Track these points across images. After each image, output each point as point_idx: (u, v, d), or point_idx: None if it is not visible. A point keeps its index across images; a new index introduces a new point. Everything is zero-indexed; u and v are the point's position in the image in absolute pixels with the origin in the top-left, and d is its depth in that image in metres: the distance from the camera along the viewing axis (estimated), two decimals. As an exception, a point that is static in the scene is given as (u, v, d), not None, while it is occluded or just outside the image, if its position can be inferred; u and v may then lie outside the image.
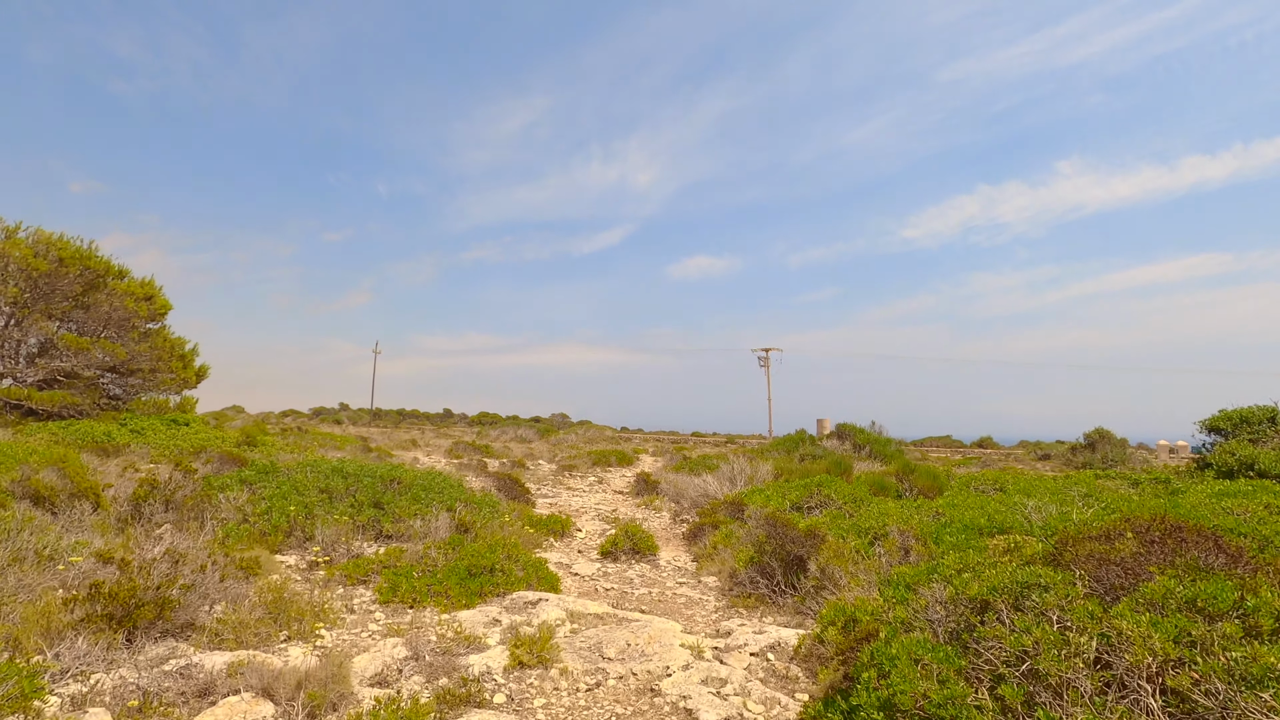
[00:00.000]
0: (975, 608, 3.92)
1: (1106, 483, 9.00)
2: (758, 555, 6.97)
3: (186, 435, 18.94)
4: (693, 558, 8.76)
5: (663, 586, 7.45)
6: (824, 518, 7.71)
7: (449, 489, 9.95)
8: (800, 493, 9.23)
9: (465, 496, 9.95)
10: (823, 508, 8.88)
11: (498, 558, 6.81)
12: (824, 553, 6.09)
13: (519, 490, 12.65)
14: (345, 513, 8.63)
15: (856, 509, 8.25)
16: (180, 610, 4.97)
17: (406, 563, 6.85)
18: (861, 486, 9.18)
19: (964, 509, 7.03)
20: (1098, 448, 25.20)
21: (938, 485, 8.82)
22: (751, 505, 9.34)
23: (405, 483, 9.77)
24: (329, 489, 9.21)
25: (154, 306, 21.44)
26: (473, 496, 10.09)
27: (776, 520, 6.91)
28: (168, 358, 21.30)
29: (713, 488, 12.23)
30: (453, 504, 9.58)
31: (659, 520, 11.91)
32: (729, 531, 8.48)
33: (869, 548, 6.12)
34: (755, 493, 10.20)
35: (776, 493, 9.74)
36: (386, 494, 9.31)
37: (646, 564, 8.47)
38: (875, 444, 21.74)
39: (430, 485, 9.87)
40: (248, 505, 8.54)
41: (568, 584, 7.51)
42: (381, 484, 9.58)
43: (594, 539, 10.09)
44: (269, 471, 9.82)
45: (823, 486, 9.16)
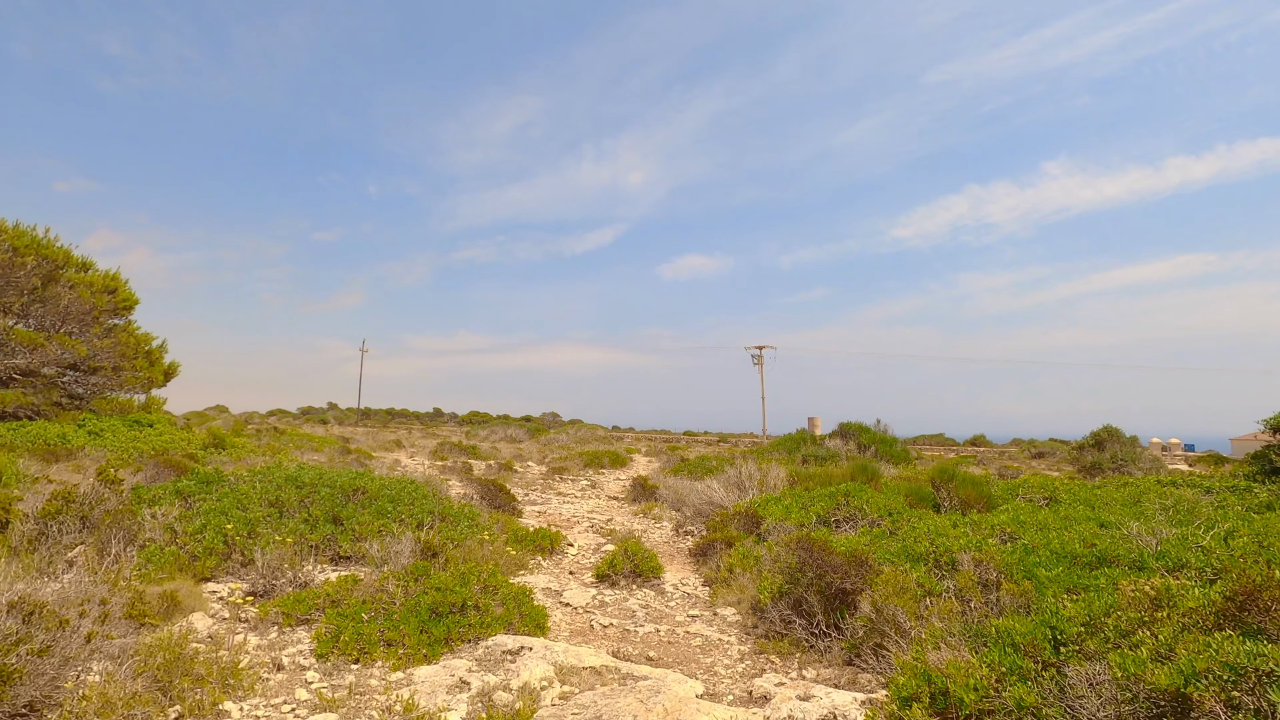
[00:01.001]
0: (1164, 703, 2.60)
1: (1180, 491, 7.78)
2: (789, 586, 5.64)
3: (149, 437, 17.44)
4: (703, 581, 7.42)
5: (672, 621, 6.11)
6: (862, 538, 6.39)
7: (421, 500, 8.57)
8: (824, 503, 7.92)
9: (440, 508, 8.58)
10: (852, 522, 7.57)
11: (470, 591, 5.44)
12: (880, 588, 4.77)
13: (504, 498, 11.28)
14: (295, 531, 7.24)
15: (896, 524, 6.95)
16: (25, 684, 3.59)
17: (356, 599, 5.48)
18: (895, 496, 7.89)
19: (1042, 529, 5.74)
20: (1106, 446, 24.08)
21: (984, 495, 7.58)
22: (769, 518, 8.02)
23: (371, 493, 8.38)
24: (280, 502, 7.82)
25: (117, 300, 19.88)
26: (449, 508, 8.71)
27: (812, 543, 5.58)
28: (132, 355, 19.75)
29: (718, 495, 10.91)
30: (425, 518, 8.21)
31: (659, 532, 10.57)
32: (746, 551, 7.15)
33: (936, 582, 4.80)
34: (770, 502, 8.88)
35: (796, 503, 8.43)
36: (347, 507, 7.93)
37: (650, 589, 7.13)
38: (881, 444, 20.51)
39: (400, 496, 8.49)
40: (179, 523, 7.14)
41: (557, 618, 6.16)
42: (342, 495, 8.19)
43: (588, 556, 8.74)
44: (212, 481, 8.40)
45: (851, 496, 7.86)
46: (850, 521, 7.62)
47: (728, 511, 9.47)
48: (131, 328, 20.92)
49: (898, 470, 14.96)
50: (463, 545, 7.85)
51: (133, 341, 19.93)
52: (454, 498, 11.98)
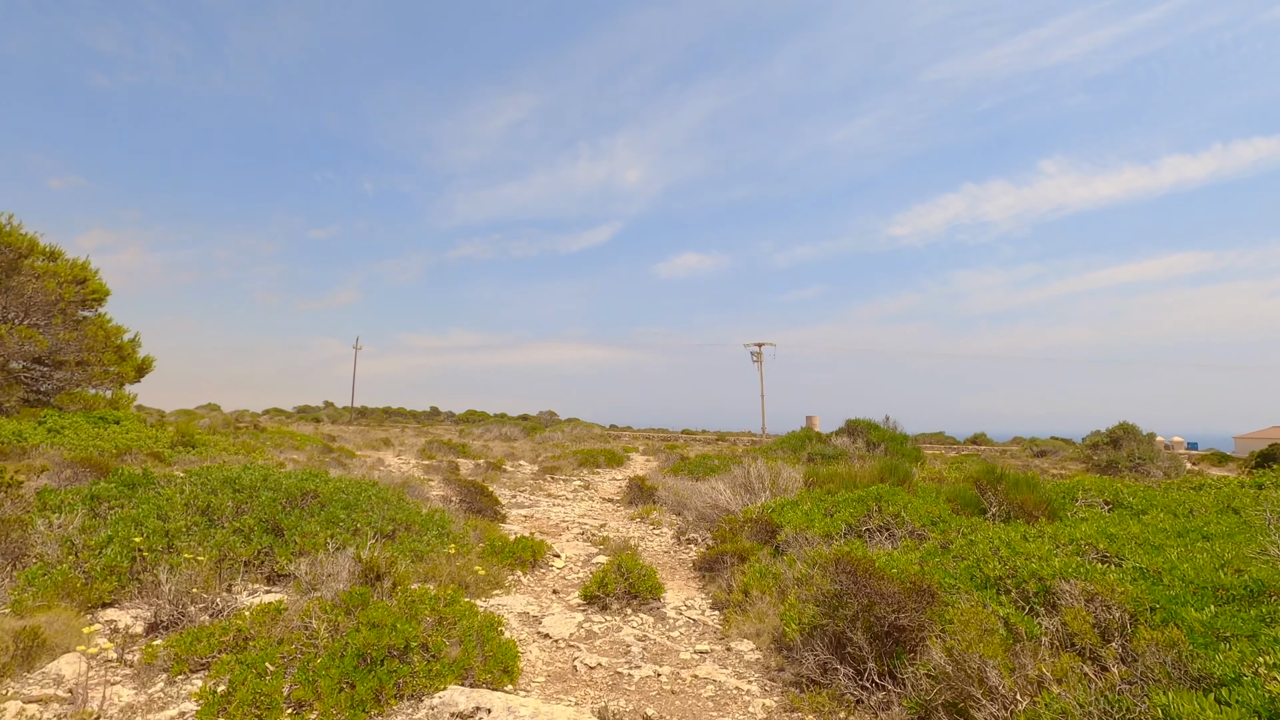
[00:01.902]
0: None
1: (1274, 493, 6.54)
2: (824, 618, 4.38)
3: (113, 435, 16.14)
4: (712, 603, 6.15)
5: (675, 660, 4.83)
6: (909, 554, 5.13)
7: (382, 505, 7.29)
8: (853, 509, 6.65)
9: (405, 515, 7.30)
10: (888, 532, 6.31)
11: (416, 628, 4.16)
12: (954, 628, 3.51)
13: (485, 501, 10.00)
14: (222, 544, 5.96)
15: (946, 536, 5.69)
16: None
17: (270, 639, 4.20)
18: (935, 501, 6.63)
19: (1144, 547, 4.49)
20: (1123, 444, 22.85)
21: (1043, 500, 6.33)
22: (787, 526, 6.76)
23: (323, 497, 7.10)
24: (210, 508, 6.53)
25: (86, 291, 18.56)
26: (415, 514, 7.44)
27: (855, 564, 4.32)
28: (100, 349, 18.43)
29: (724, 497, 9.64)
30: (386, 527, 6.93)
31: (659, 539, 9.30)
32: (763, 569, 5.89)
33: (1030, 621, 3.54)
34: (786, 507, 7.62)
35: (817, 508, 7.17)
36: (292, 514, 6.64)
37: (648, 614, 5.86)
38: (891, 442, 19.26)
39: (357, 501, 7.21)
40: (80, 535, 5.85)
41: (532, 655, 4.89)
42: (287, 500, 6.91)
43: (576, 570, 7.46)
44: (137, 484, 7.11)
45: (884, 501, 6.60)
46: (885, 532, 6.35)
47: (736, 518, 8.21)
48: (102, 320, 19.59)
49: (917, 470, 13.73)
50: (426, 560, 6.58)
51: (101, 335, 18.60)
52: (433, 500, 10.71)
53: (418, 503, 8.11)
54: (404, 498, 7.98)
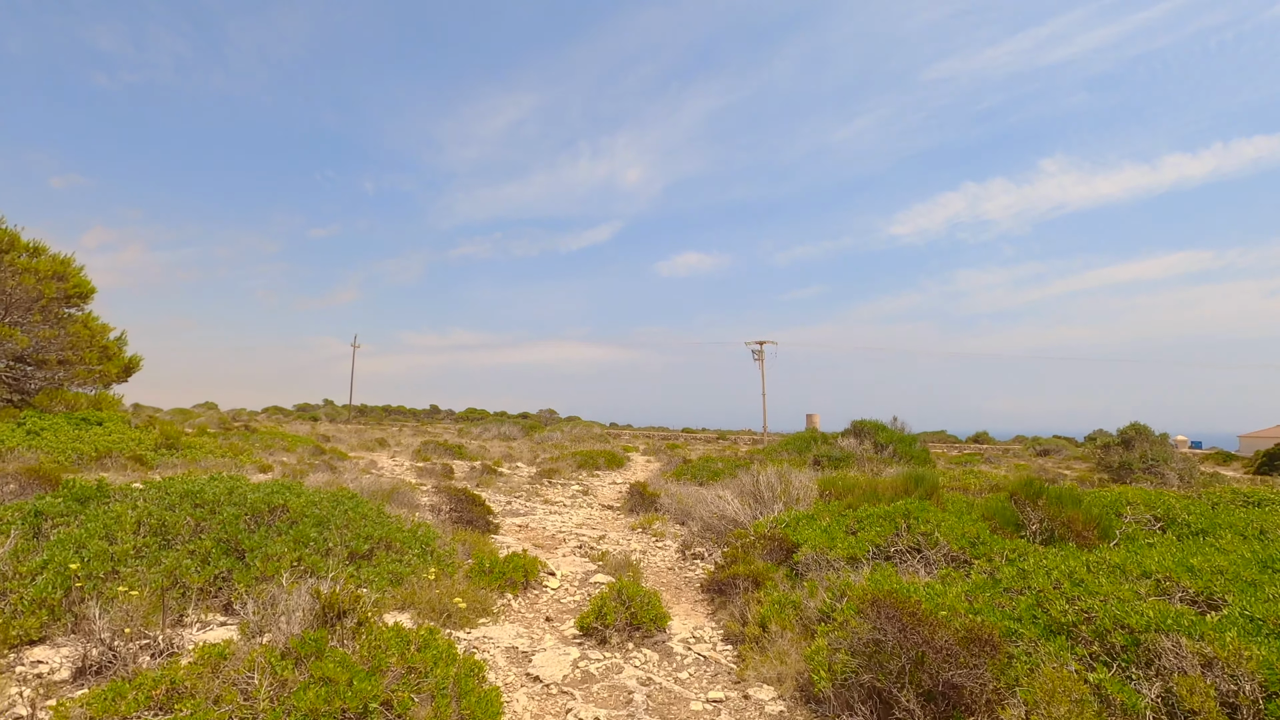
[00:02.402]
0: None
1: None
2: (862, 668, 3.68)
3: (94, 437, 15.45)
4: (724, 635, 5.45)
5: (686, 711, 4.13)
6: (955, 587, 4.42)
7: (358, 521, 6.59)
8: (879, 527, 5.95)
9: (384, 531, 6.60)
10: (918, 554, 5.60)
11: (377, 685, 3.46)
12: (1038, 697, 2.82)
13: (476, 511, 9.30)
14: (173, 569, 5.26)
15: (990, 562, 4.99)
16: None
17: (203, 699, 3.50)
18: (970, 518, 5.92)
19: (1236, 583, 3.78)
20: (1135, 445, 22.15)
21: (1092, 519, 5.62)
22: (806, 545, 6.05)
23: (294, 512, 6.40)
24: (167, 526, 5.83)
25: (68, 287, 17.84)
26: (396, 530, 6.74)
27: (898, 606, 3.62)
28: (83, 347, 17.72)
29: (732, 507, 8.94)
30: (361, 546, 6.23)
31: (662, 553, 8.60)
32: (781, 597, 5.19)
33: (1131, 691, 2.84)
34: (802, 522, 6.92)
35: (837, 524, 6.46)
36: (257, 533, 5.94)
37: (652, 647, 5.16)
38: (900, 443, 18.56)
39: (331, 516, 6.51)
40: (11, 560, 5.15)
41: (519, 706, 4.19)
42: (252, 516, 6.21)
43: (573, 591, 6.77)
44: (89, 498, 6.41)
45: (913, 517, 5.90)
46: (916, 554, 5.65)
47: (746, 533, 7.51)
48: (87, 318, 18.88)
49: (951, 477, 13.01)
50: (405, 583, 5.89)
51: (85, 333, 17.89)
52: (423, 508, 10.02)
53: (400, 516, 7.41)
54: (384, 511, 7.27)
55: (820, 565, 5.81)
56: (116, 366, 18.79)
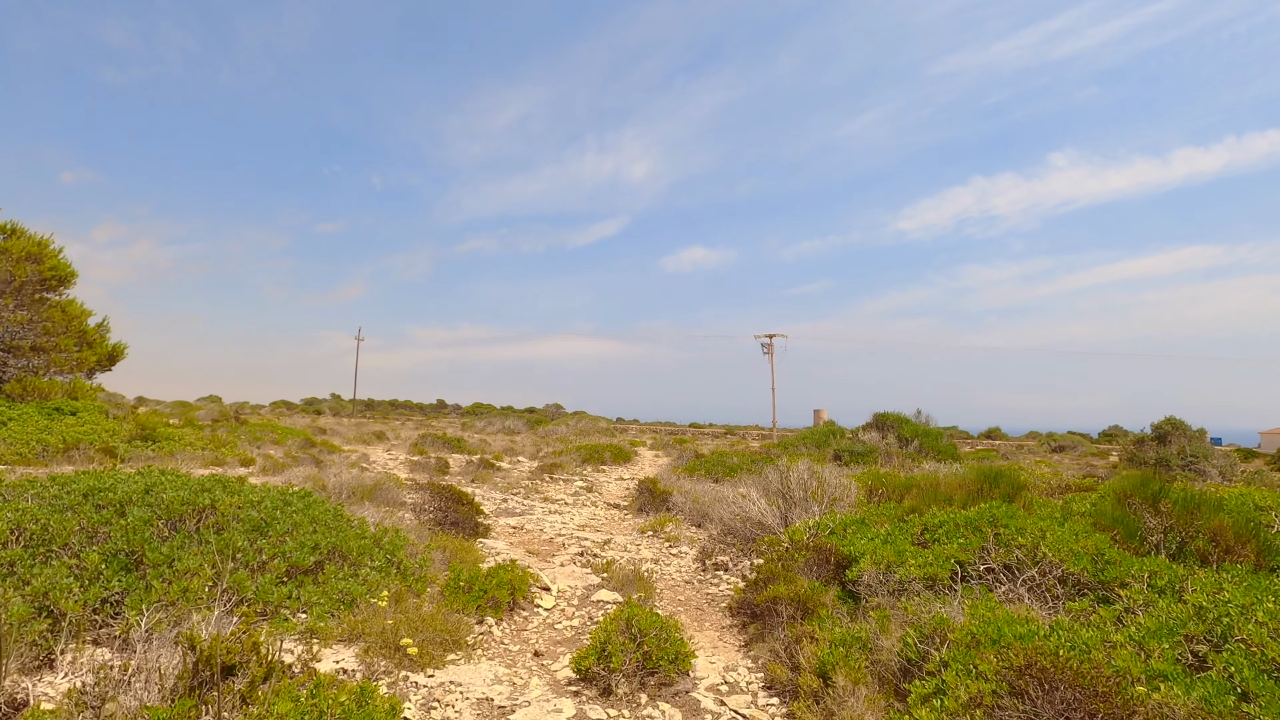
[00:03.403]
0: None
1: None
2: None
3: (65, 428, 14.22)
4: (766, 681, 4.10)
5: (726, 816, 2.79)
6: (1109, 630, 3.06)
7: (306, 526, 5.26)
8: (960, 538, 4.59)
9: (339, 539, 5.28)
10: (1019, 575, 4.24)
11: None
12: None
13: (462, 511, 7.98)
14: (44, 589, 3.95)
15: (1125, 587, 3.63)
16: None
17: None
18: (1079, 528, 4.55)
19: None
20: (1171, 441, 20.66)
21: (1245, 529, 4.25)
22: (865, 560, 4.69)
23: (223, 515, 5.08)
24: (50, 533, 4.52)
25: (43, 270, 16.62)
26: (356, 536, 5.41)
27: (1072, 682, 2.25)
28: (59, 333, 16.50)
29: (757, 509, 7.59)
30: (306, 558, 4.91)
31: (677, 562, 7.26)
32: (845, 635, 3.83)
33: None
34: (853, 528, 5.56)
35: (899, 532, 5.11)
36: (172, 541, 4.63)
37: (672, 701, 3.82)
38: (925, 438, 17.17)
39: (271, 520, 5.18)
40: None
41: (485, 804, 2.86)
42: (169, 520, 4.89)
43: (570, 612, 5.43)
44: (-29, 496, 5.11)
45: (1004, 525, 4.54)
46: (1011, 572, 4.28)
47: (779, 541, 6.16)
48: (67, 304, 17.66)
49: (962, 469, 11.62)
50: (358, 606, 4.57)
51: (60, 318, 16.67)
52: (408, 506, 8.71)
53: (364, 520, 6.08)
54: (343, 514, 5.94)
55: (886, 587, 4.45)
56: (97, 354, 17.57)
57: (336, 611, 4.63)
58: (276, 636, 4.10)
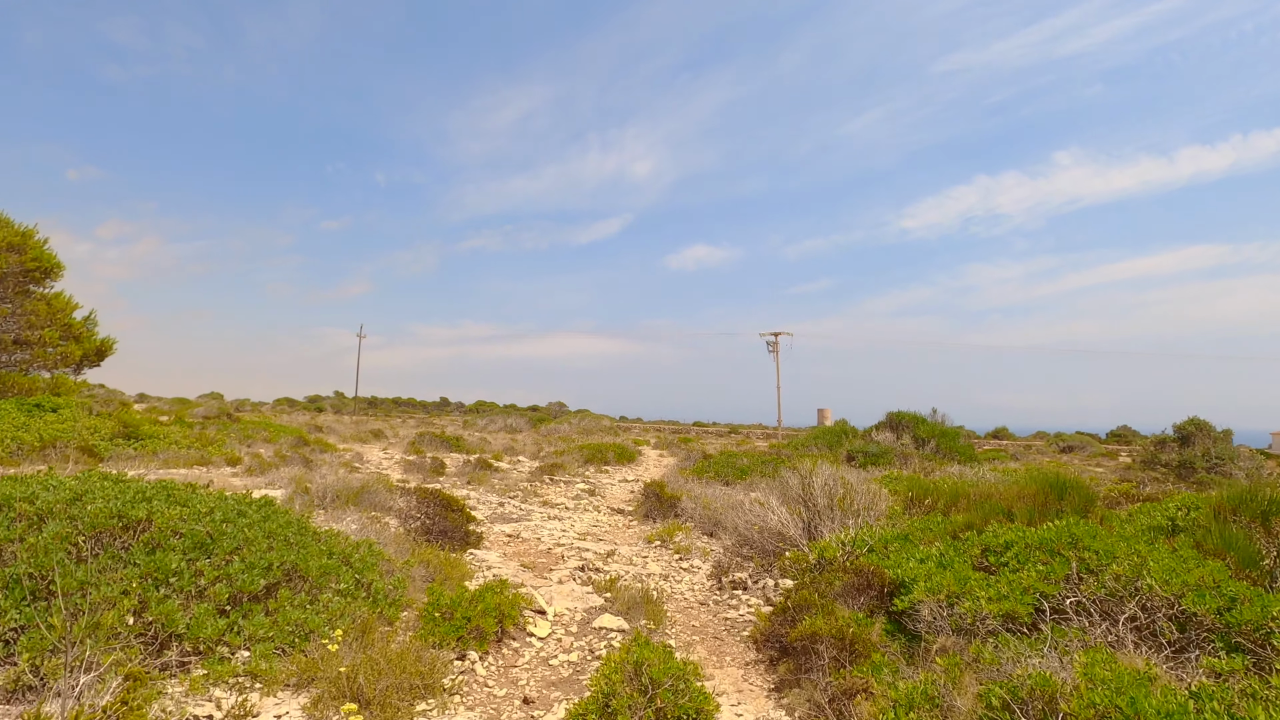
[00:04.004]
0: None
1: None
2: None
3: (44, 425, 13.47)
4: (807, 744, 3.30)
5: None
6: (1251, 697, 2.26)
7: (259, 543, 4.46)
8: (1036, 563, 3.78)
9: (299, 557, 4.49)
10: (1113, 612, 3.43)
11: None
12: None
13: (452, 520, 7.19)
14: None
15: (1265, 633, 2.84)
16: None
17: None
18: (1184, 554, 3.75)
19: None
20: (1195, 442, 19.77)
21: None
22: (918, 587, 3.89)
23: (159, 529, 4.28)
24: (-54, 554, 3.73)
25: (25, 261, 15.88)
26: (318, 554, 4.62)
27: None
28: (42, 327, 15.76)
29: (777, 518, 6.79)
30: (255, 583, 4.11)
31: (689, 578, 6.45)
32: (911, 691, 3.03)
33: None
34: (894, 544, 4.76)
35: (955, 553, 4.31)
36: (89, 564, 3.85)
37: (692, 770, 3.03)
38: (942, 438, 16.34)
39: (219, 536, 4.39)
40: None
41: None
42: (95, 536, 4.10)
43: (568, 644, 4.63)
44: None
45: (1087, 548, 3.74)
46: (1109, 609, 3.47)
47: (805, 557, 5.35)
48: (52, 297, 16.92)
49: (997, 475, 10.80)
50: (315, 638, 3.78)
51: (45, 311, 15.93)
52: (395, 510, 7.93)
53: (334, 533, 5.28)
54: (308, 526, 5.14)
55: (948, 622, 3.64)
56: (83, 348, 16.83)
57: (288, 648, 3.84)
58: (204, 685, 3.32)
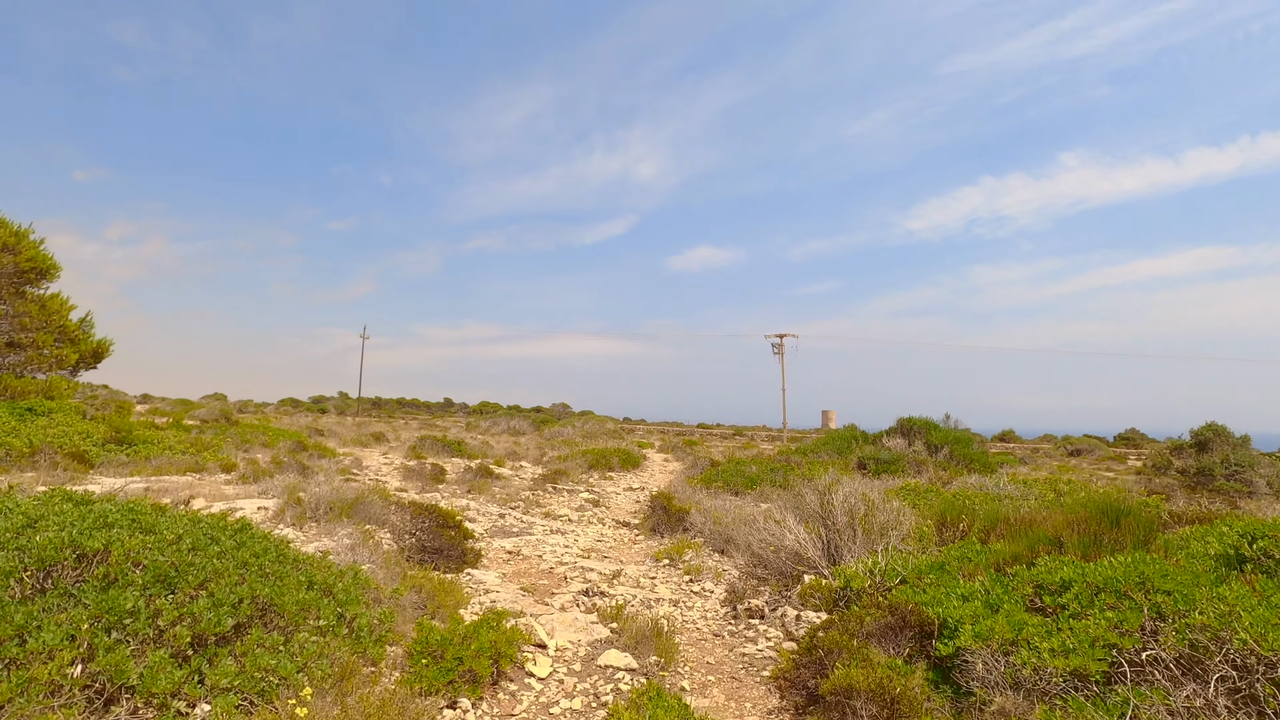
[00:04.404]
0: None
1: None
2: None
3: (35, 429, 13.09)
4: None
5: None
6: None
7: (229, 575, 4.01)
8: (1106, 610, 3.31)
9: (268, 591, 4.04)
10: (1199, 672, 2.96)
11: None
12: None
13: (447, 538, 6.74)
14: None
15: None
16: None
17: None
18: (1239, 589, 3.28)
19: None
20: (1213, 448, 19.23)
21: None
22: (965, 633, 3.42)
23: (116, 562, 3.83)
24: None
25: (19, 261, 15.50)
26: (296, 586, 4.17)
27: None
28: (36, 328, 15.38)
29: (794, 537, 6.31)
30: (222, 622, 3.66)
31: (701, 604, 5.99)
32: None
33: None
34: (930, 575, 4.30)
35: (1003, 591, 3.83)
36: (32, 604, 3.40)
37: None
38: (956, 444, 15.83)
39: (185, 568, 3.94)
40: None
41: None
42: (42, 570, 3.66)
43: (570, 686, 4.17)
44: None
45: (1158, 589, 3.28)
46: (1190, 663, 3.00)
47: (828, 584, 4.88)
48: (48, 298, 16.54)
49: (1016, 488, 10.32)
50: (286, 686, 3.33)
51: (39, 313, 15.55)
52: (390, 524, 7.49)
53: (314, 558, 4.83)
54: (287, 552, 4.69)
55: (1002, 674, 3.17)
56: (79, 351, 16.45)
57: (257, 699, 3.39)
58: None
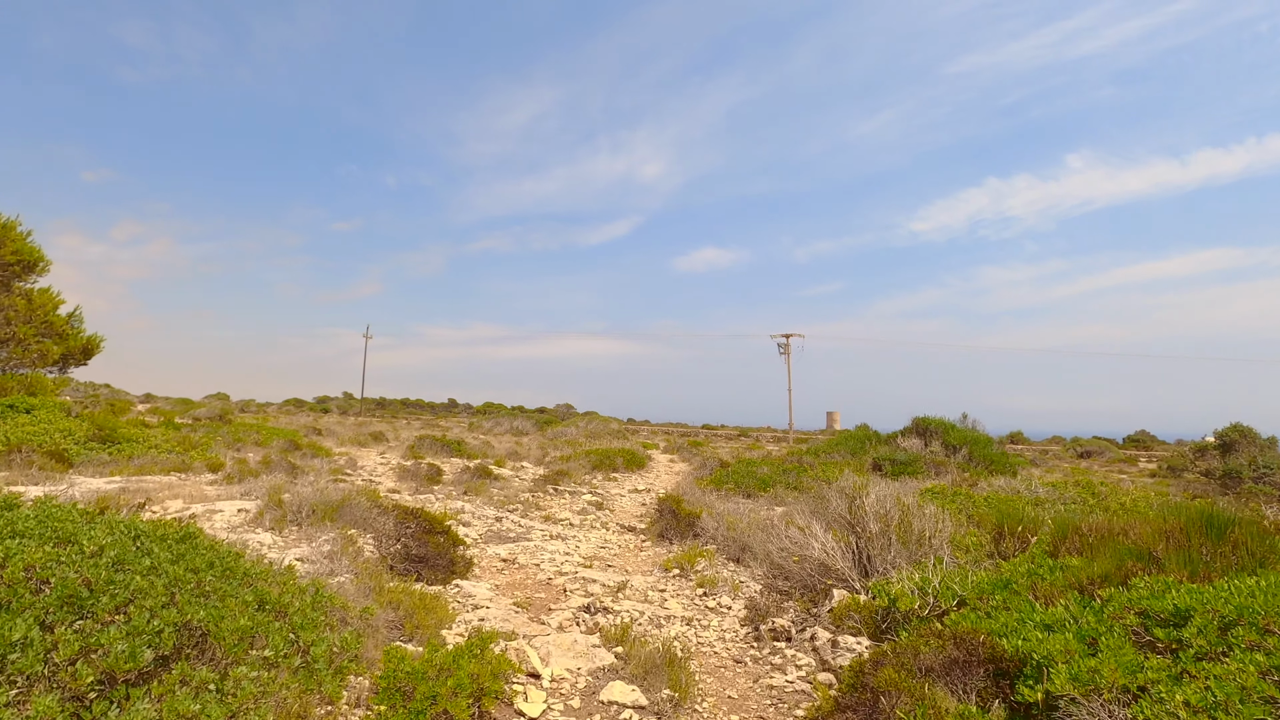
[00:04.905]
0: None
1: None
2: None
3: (14, 427, 12.46)
4: None
5: None
6: None
7: (157, 594, 3.31)
8: (1249, 649, 2.61)
9: (204, 614, 3.36)
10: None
11: None
12: None
13: (434, 545, 6.03)
14: None
15: None
16: None
17: None
18: None
19: None
20: (1239, 449, 18.42)
21: None
22: (1059, 675, 2.69)
23: (16, 580, 3.15)
24: None
25: (4, 254, 14.89)
26: (239, 607, 3.49)
27: None
28: (20, 323, 14.77)
29: (819, 547, 5.60)
30: (140, 655, 2.97)
31: (718, 622, 5.27)
32: None
33: None
34: (995, 597, 3.59)
35: (1098, 620, 3.13)
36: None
37: None
38: (974, 445, 15.08)
39: (104, 587, 3.24)
40: None
41: None
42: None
43: (568, 727, 3.47)
44: None
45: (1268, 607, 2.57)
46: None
47: (868, 605, 4.17)
48: (35, 293, 15.93)
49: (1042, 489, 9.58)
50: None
51: (24, 307, 14.94)
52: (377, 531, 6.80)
53: (271, 571, 4.12)
54: (236, 566, 3.99)
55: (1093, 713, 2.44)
56: (65, 346, 15.84)
57: (173, 753, 2.70)
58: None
